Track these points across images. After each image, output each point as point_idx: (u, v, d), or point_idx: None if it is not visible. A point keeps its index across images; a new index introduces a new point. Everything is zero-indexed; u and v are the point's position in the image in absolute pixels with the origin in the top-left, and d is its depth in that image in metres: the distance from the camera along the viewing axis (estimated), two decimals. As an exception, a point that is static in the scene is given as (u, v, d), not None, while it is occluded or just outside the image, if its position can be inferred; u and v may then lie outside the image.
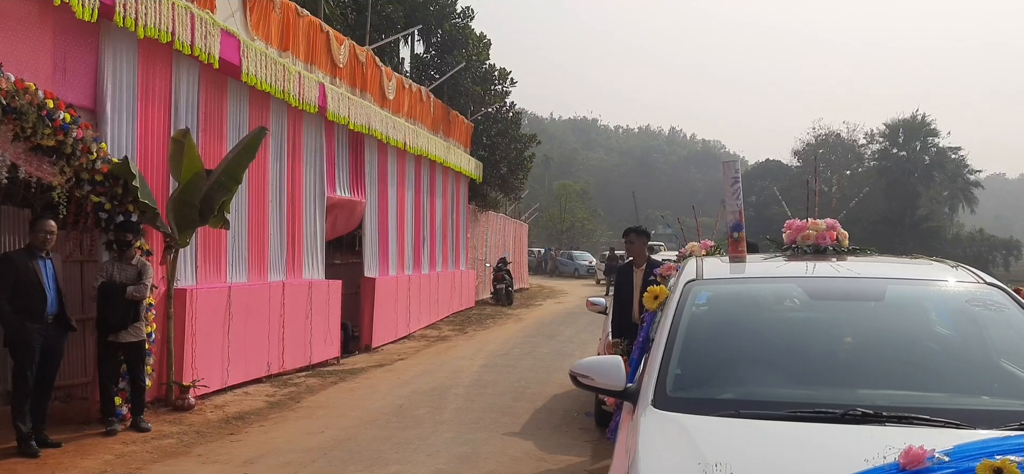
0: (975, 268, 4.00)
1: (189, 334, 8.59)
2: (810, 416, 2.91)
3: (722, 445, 2.69)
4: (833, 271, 4.00)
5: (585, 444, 7.48)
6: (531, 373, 11.49)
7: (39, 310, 6.65)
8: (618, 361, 3.52)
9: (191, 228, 8.31)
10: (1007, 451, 2.48)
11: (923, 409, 2.91)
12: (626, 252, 7.81)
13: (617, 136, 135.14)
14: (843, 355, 3.47)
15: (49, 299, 6.72)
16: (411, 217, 16.49)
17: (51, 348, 6.81)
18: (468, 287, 22.10)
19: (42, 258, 6.77)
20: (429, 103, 17.50)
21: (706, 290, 3.87)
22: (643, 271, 7.29)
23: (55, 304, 6.81)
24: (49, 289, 6.73)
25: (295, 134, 11.17)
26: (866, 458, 2.49)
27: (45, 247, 6.77)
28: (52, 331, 6.80)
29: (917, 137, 70.80)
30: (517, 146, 26.66)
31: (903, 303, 3.77)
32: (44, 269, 6.75)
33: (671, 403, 3.14)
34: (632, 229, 7.64)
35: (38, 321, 6.64)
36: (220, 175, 8.26)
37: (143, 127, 8.15)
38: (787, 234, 4.53)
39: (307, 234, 11.59)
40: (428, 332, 16.81)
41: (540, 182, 60.27)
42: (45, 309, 6.69)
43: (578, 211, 66.83)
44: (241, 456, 6.82)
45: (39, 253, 6.74)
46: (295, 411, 8.74)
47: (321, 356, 11.76)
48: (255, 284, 10.09)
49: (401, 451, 7.07)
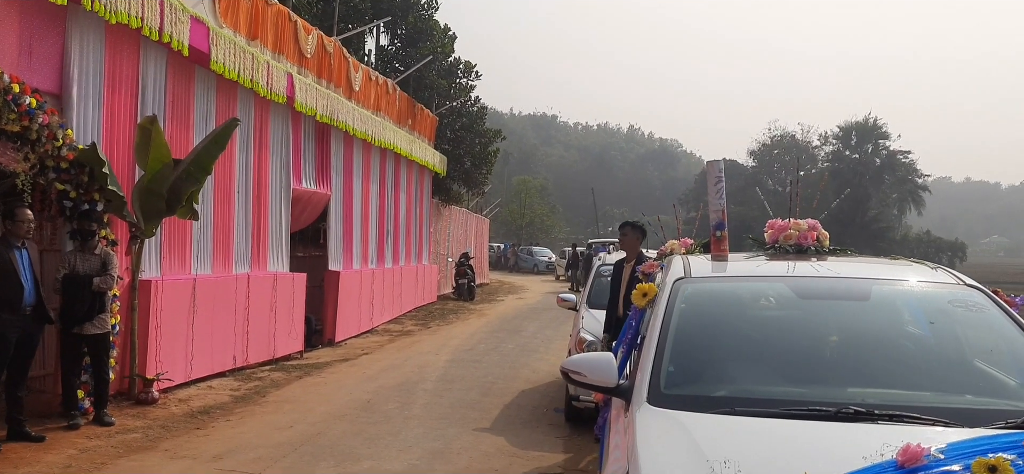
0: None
1: (153, 326, 8.41)
2: (805, 414, 2.96)
3: (724, 443, 2.72)
4: (819, 271, 4.07)
5: (556, 440, 7.51)
6: (498, 369, 11.49)
7: (16, 301, 6.44)
8: (610, 358, 3.54)
9: (157, 218, 8.12)
10: (999, 449, 2.56)
11: (913, 407, 2.98)
12: (619, 245, 7.64)
13: (576, 133, 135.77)
14: (831, 354, 3.54)
15: (26, 290, 6.52)
16: (376, 210, 16.36)
17: (27, 340, 6.60)
18: (431, 282, 22.01)
19: (18, 248, 6.56)
20: (395, 96, 17.37)
21: (695, 288, 3.91)
22: (632, 266, 7.18)
23: (32, 295, 6.61)
24: (26, 279, 6.52)
25: (262, 124, 11.00)
26: (864, 455, 2.54)
27: (26, 237, 6.58)
28: (29, 323, 6.59)
29: (869, 140, 72.49)
30: (481, 141, 26.61)
31: (888, 303, 3.85)
32: (20, 259, 6.54)
33: (666, 400, 3.16)
34: (628, 223, 7.38)
35: (15, 313, 6.44)
36: (189, 165, 8.09)
37: (109, 114, 7.94)
38: (769, 233, 4.59)
39: (272, 226, 11.42)
40: (391, 327, 16.71)
41: (499, 177, 60.25)
42: (22, 300, 6.48)
43: (537, 207, 67.00)
44: (209, 451, 6.70)
45: (16, 243, 6.54)
46: (261, 406, 8.61)
47: (285, 350, 11.61)
48: (220, 276, 9.92)
49: (372, 446, 7.02)
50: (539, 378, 10.78)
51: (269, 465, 6.33)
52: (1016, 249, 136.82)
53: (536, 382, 10.54)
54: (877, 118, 73.04)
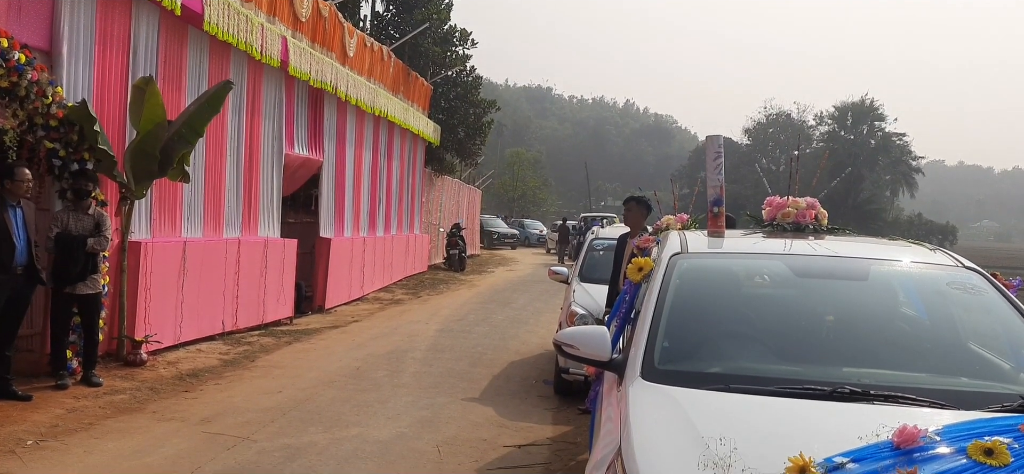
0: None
1: (143, 288, 8.34)
2: (800, 393, 2.94)
3: (718, 419, 2.69)
4: (817, 249, 4.03)
5: (545, 412, 7.50)
6: (487, 340, 11.48)
7: (7, 260, 6.35)
8: (603, 331, 3.51)
9: (148, 180, 8.02)
10: (994, 432, 2.55)
11: (909, 389, 2.96)
12: (623, 220, 7.56)
13: (571, 106, 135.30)
14: (827, 333, 3.51)
15: (18, 249, 6.43)
16: (368, 178, 16.25)
17: (16, 299, 6.53)
18: (422, 251, 21.96)
19: (13, 207, 6.47)
20: (389, 63, 17.20)
21: (691, 264, 3.87)
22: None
23: (24, 254, 6.52)
24: (19, 239, 6.43)
25: (255, 88, 10.86)
26: (859, 436, 2.52)
27: (25, 196, 6.49)
28: (20, 282, 6.51)
29: (865, 121, 72.53)
30: (476, 111, 26.45)
31: (886, 284, 3.82)
32: (14, 218, 6.45)
33: (659, 375, 3.14)
34: (633, 198, 7.30)
35: (5, 272, 6.36)
36: (181, 127, 7.98)
37: (100, 73, 7.81)
38: (767, 211, 4.54)
39: (264, 191, 11.32)
40: (381, 295, 16.67)
41: (493, 149, 60.10)
42: (13, 259, 6.40)
43: (530, 180, 66.89)
44: (197, 414, 6.67)
45: (11, 202, 6.44)
46: (250, 370, 8.58)
47: (274, 315, 11.57)
48: (210, 240, 9.84)
49: (361, 413, 7.00)
50: (529, 350, 10.78)
51: (257, 429, 6.30)
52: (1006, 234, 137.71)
53: (526, 354, 10.53)
54: (874, 99, 73.07)
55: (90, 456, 5.47)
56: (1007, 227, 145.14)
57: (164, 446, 5.76)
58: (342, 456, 5.76)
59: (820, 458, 2.37)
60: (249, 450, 5.78)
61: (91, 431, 6.03)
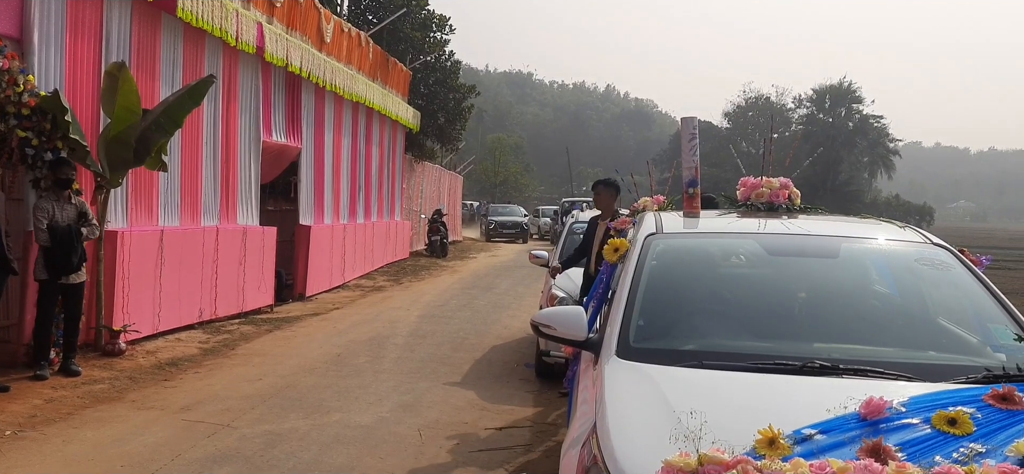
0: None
1: (120, 278, 8.29)
2: (771, 368, 2.99)
3: (690, 394, 2.73)
4: (789, 228, 4.08)
5: (526, 394, 7.55)
6: (469, 324, 11.51)
7: None
8: (580, 311, 3.55)
9: (124, 169, 7.96)
10: (958, 403, 2.61)
11: (877, 362, 3.02)
12: (594, 204, 7.64)
13: (552, 91, 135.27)
14: (799, 310, 3.56)
15: None
16: (347, 165, 16.19)
17: None
18: (403, 238, 21.92)
19: None
20: (367, 48, 17.10)
21: (666, 244, 3.91)
22: (607, 224, 7.15)
23: None
24: None
25: (231, 75, 10.78)
26: (828, 408, 2.57)
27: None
28: None
29: (842, 103, 73.07)
30: (455, 96, 26.38)
31: (856, 261, 3.88)
32: None
33: (634, 353, 3.18)
34: (601, 181, 7.37)
35: None
36: (159, 116, 7.91)
37: (72, 61, 7.71)
38: (741, 191, 4.59)
39: (242, 179, 11.26)
40: (363, 282, 16.65)
41: (474, 135, 60.02)
42: None
43: (511, 165, 66.86)
44: (177, 402, 6.65)
45: None
46: (230, 358, 8.56)
47: (254, 303, 11.53)
48: (188, 228, 9.78)
49: (342, 399, 7.01)
50: (511, 334, 10.82)
51: (238, 416, 6.30)
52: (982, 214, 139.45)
53: (507, 338, 10.58)
54: (851, 82, 73.59)
55: (69, 446, 5.45)
56: (983, 207, 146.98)
57: (144, 434, 5.75)
58: (323, 441, 5.78)
59: (789, 430, 2.41)
60: (230, 436, 5.78)
61: (70, 421, 6.00)
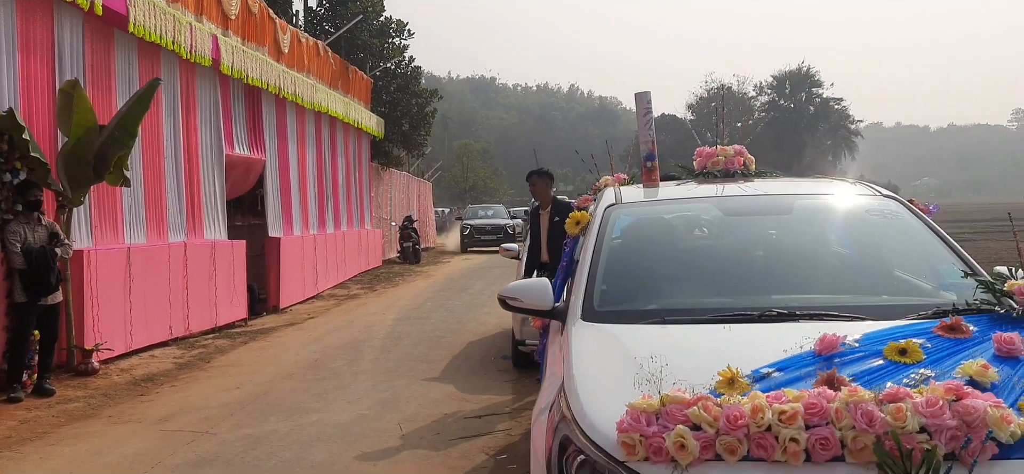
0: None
1: (89, 297, 8.21)
2: (730, 319, 3.09)
3: (652, 343, 2.82)
4: (744, 190, 4.20)
5: (505, 384, 7.62)
6: (445, 324, 11.55)
7: None
8: (545, 283, 3.62)
9: (85, 186, 7.90)
10: (909, 336, 2.71)
11: (833, 307, 3.13)
12: (531, 194, 7.84)
13: (516, 94, 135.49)
14: (757, 266, 3.67)
15: None
16: (313, 175, 16.15)
17: None
18: (375, 246, 21.89)
19: None
20: (327, 58, 17.08)
21: (626, 213, 4.01)
22: (549, 213, 7.40)
23: None
24: None
25: (188, 89, 10.73)
26: (784, 348, 2.66)
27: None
28: None
29: (803, 88, 74.09)
30: (418, 101, 26.41)
31: (809, 215, 4.01)
32: None
33: (599, 316, 3.26)
34: (534, 172, 7.60)
35: None
36: (114, 129, 7.86)
37: (25, 81, 7.64)
38: (697, 161, 4.71)
39: (206, 193, 11.20)
40: (337, 291, 16.61)
41: (440, 142, 59.99)
42: None
43: (480, 170, 66.92)
44: (154, 415, 6.63)
45: None
46: (206, 371, 8.53)
47: (228, 318, 11.47)
48: (155, 245, 9.72)
49: (321, 401, 7.03)
50: (486, 330, 10.88)
51: (217, 424, 6.29)
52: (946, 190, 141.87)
53: (483, 333, 10.64)
54: (810, 66, 74.64)
55: (46, 462, 5.42)
56: (946, 183, 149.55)
57: (122, 447, 5.73)
58: (304, 440, 5.80)
59: (748, 370, 2.50)
60: (210, 442, 5.78)
61: (46, 439, 5.96)
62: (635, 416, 2.30)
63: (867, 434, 2.14)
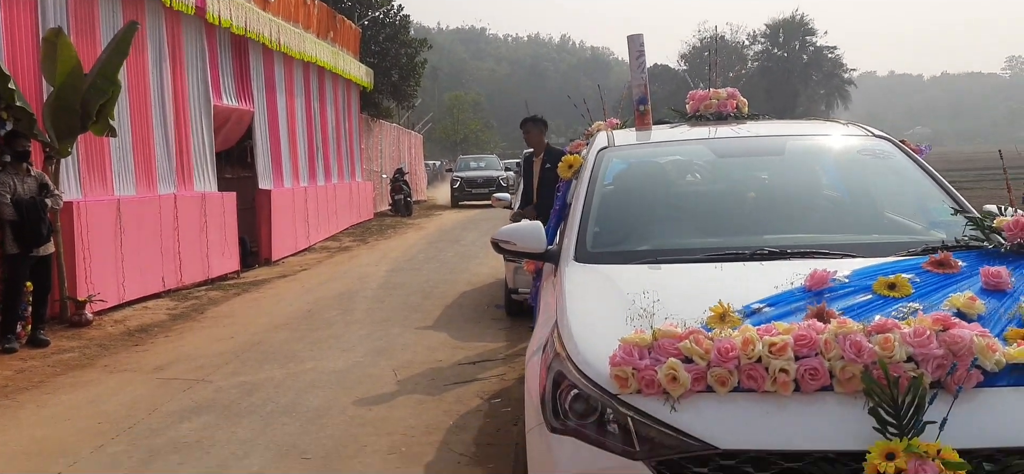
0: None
1: (80, 248, 8.20)
2: (721, 258, 3.11)
3: (644, 282, 2.84)
4: (736, 132, 4.20)
5: (498, 331, 7.67)
6: (438, 274, 11.59)
7: None
8: (538, 225, 3.63)
9: (72, 136, 7.83)
10: (898, 271, 2.74)
11: (824, 245, 3.16)
12: (525, 141, 7.88)
13: (507, 45, 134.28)
14: (750, 206, 3.69)
15: None
16: (303, 127, 16.02)
17: None
18: (366, 199, 21.83)
19: None
20: (313, 7, 16.83)
21: (618, 156, 4.01)
22: (541, 160, 7.42)
23: None
24: None
25: (174, 38, 10.59)
26: (776, 285, 2.69)
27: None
28: None
29: (796, 37, 73.60)
30: (408, 51, 26.13)
31: (801, 156, 4.01)
32: None
33: (592, 257, 3.28)
34: (528, 118, 7.65)
35: None
36: (95, 77, 7.77)
37: (8, 30, 7.52)
38: (690, 104, 4.70)
39: (195, 144, 11.12)
40: (328, 244, 16.60)
41: (430, 95, 59.54)
42: None
43: (471, 122, 66.56)
44: (150, 364, 6.66)
45: None
46: (200, 322, 8.56)
47: (220, 270, 11.47)
48: (145, 196, 9.67)
49: (315, 349, 7.07)
50: (480, 280, 10.92)
51: (212, 372, 6.33)
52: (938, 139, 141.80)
53: (477, 283, 10.67)
54: (804, 14, 74.07)
55: (44, 410, 5.45)
56: (939, 132, 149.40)
57: (119, 394, 5.77)
58: (299, 387, 5.84)
59: (739, 305, 2.53)
60: (206, 389, 5.83)
61: (43, 388, 5.99)
62: (627, 350, 2.32)
63: (855, 364, 2.17)
